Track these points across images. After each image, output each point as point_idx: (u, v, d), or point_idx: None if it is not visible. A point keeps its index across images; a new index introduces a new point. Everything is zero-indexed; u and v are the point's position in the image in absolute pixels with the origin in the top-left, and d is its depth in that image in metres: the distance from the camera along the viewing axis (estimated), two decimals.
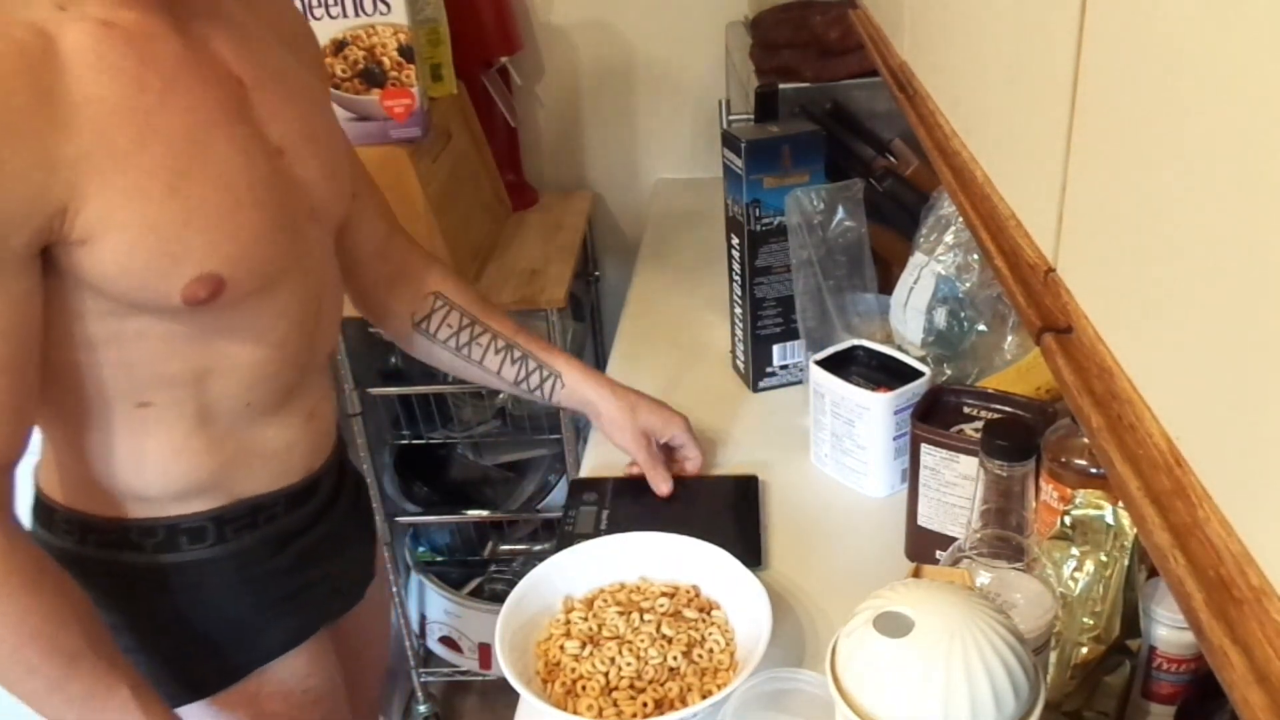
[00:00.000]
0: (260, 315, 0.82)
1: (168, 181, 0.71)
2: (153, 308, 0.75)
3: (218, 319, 0.78)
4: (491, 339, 1.06)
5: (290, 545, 0.93)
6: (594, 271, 2.13)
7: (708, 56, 1.96)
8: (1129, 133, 0.37)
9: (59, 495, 0.85)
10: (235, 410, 0.84)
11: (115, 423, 0.80)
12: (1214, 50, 0.30)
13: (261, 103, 0.80)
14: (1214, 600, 0.29)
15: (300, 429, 0.91)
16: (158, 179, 0.71)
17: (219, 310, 0.77)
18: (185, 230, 0.72)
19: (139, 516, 0.84)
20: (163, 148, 0.71)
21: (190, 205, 0.72)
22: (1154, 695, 0.75)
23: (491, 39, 1.87)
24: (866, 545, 1.03)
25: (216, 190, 0.74)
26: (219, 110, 0.75)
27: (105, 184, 0.68)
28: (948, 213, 1.14)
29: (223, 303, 0.77)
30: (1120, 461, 0.36)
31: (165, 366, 0.78)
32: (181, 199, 0.72)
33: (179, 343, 0.78)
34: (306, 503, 0.94)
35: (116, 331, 0.75)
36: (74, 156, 0.67)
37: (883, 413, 1.04)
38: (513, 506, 1.98)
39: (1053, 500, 0.81)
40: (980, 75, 0.60)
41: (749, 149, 1.17)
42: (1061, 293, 0.45)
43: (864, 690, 0.57)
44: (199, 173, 0.73)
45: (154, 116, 0.71)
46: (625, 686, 0.83)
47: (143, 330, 0.76)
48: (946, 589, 0.60)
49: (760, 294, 1.24)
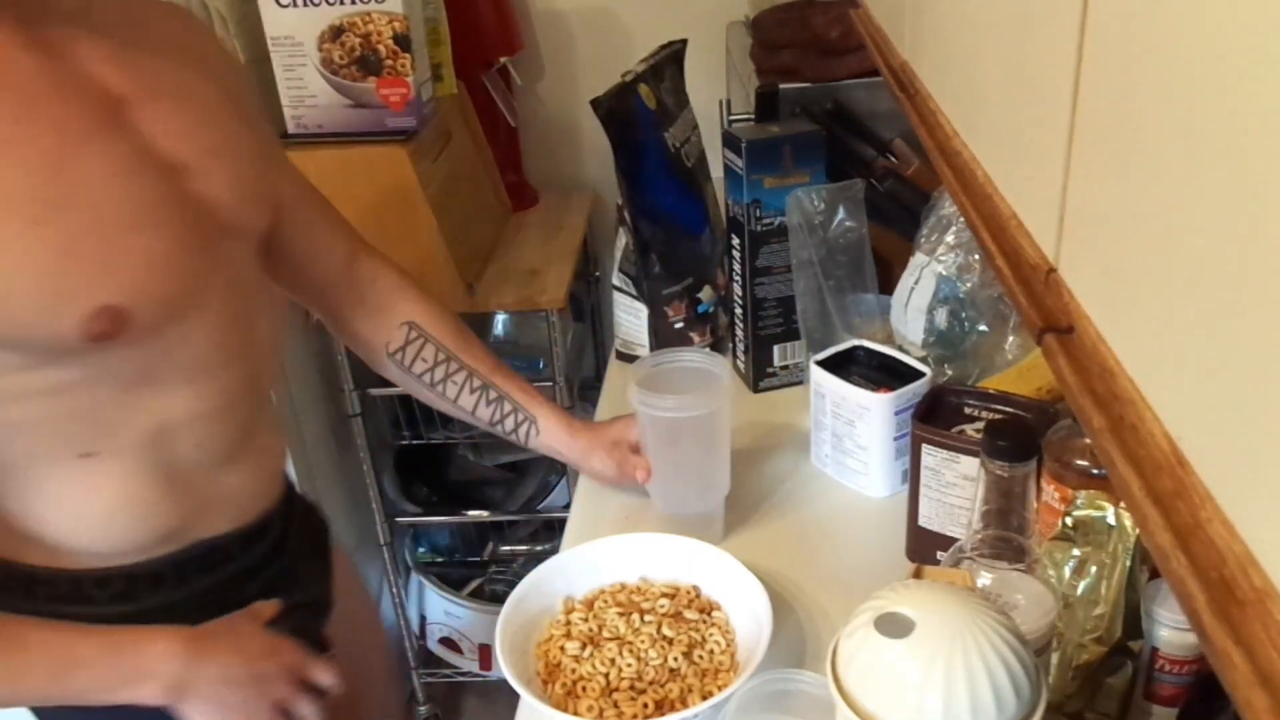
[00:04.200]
0: (188, 344, 0.76)
1: (33, 212, 0.65)
2: (55, 351, 0.69)
3: (142, 355, 0.73)
4: (467, 377, 1.02)
5: (247, 585, 0.89)
6: (594, 271, 2.13)
7: (708, 56, 1.96)
8: (1130, 132, 0.36)
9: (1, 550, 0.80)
10: (186, 453, 0.79)
11: (60, 475, 0.75)
12: (1215, 50, 0.29)
13: (150, 118, 0.73)
14: (1216, 601, 0.29)
15: (253, 466, 0.87)
16: (19, 214, 0.64)
17: (139, 344, 0.72)
18: (65, 262, 0.66)
19: (92, 567, 0.80)
20: (21, 176, 0.65)
21: (67, 234, 0.66)
22: (1156, 697, 0.74)
23: (491, 39, 1.87)
24: (867, 546, 1.03)
25: (96, 215, 0.68)
26: (90, 128, 0.69)
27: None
28: (949, 213, 1.14)
29: (137, 335, 0.71)
30: (1122, 462, 0.36)
31: (102, 413, 0.74)
32: (54, 229, 0.65)
33: (110, 387, 0.73)
34: (262, 540, 0.91)
35: (35, 385, 0.70)
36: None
37: (883, 413, 1.04)
38: (513, 507, 1.98)
39: (1054, 501, 0.81)
40: (982, 75, 0.60)
41: (749, 149, 1.16)
42: (1063, 293, 0.44)
43: (865, 691, 0.57)
44: (72, 198, 0.67)
45: (10, 145, 0.65)
46: (626, 687, 0.83)
47: (64, 380, 0.71)
48: (948, 590, 0.60)
49: (761, 294, 1.24)
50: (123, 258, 0.69)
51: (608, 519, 1.08)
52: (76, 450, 0.75)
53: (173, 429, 0.78)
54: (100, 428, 0.74)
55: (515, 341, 1.97)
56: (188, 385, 0.77)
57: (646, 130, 1.24)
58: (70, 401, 0.72)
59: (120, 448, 0.76)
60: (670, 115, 1.29)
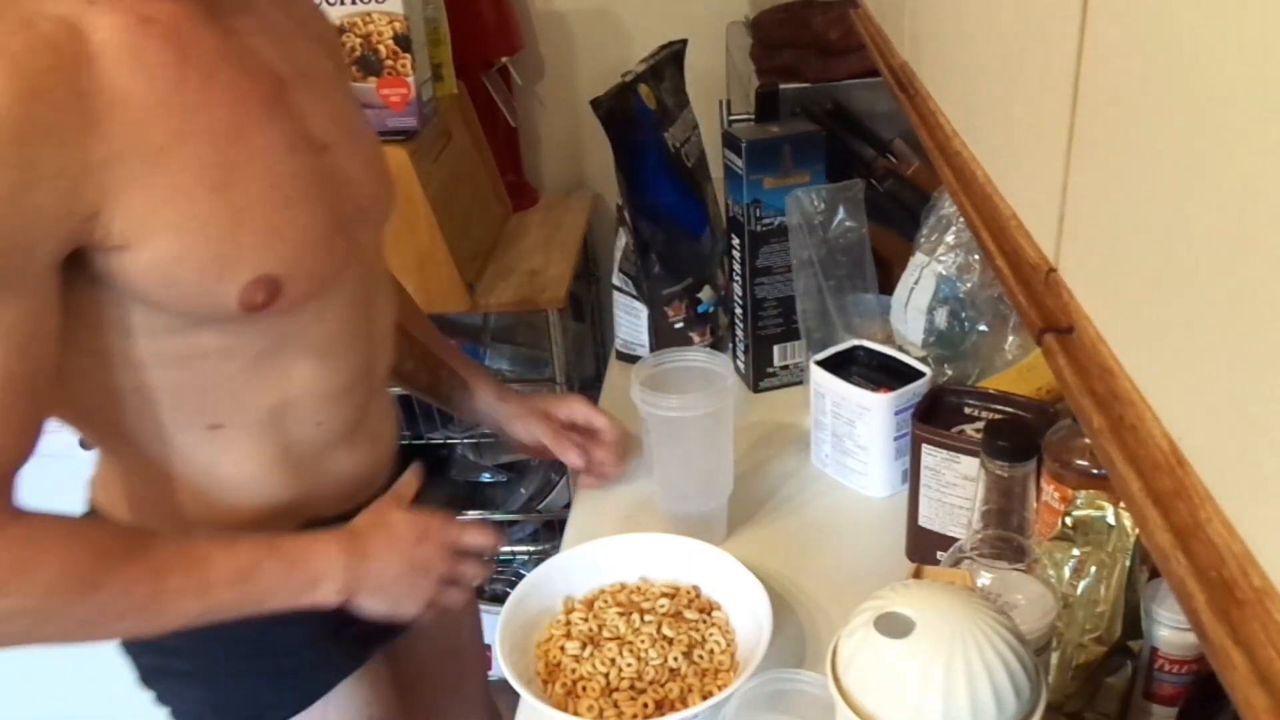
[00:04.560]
0: (321, 322, 0.79)
1: (211, 181, 0.67)
2: (208, 317, 0.72)
3: (279, 329, 0.76)
4: (411, 346, 1.05)
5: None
6: (594, 271, 2.13)
7: (708, 56, 1.96)
8: (1130, 132, 0.36)
9: (123, 515, 0.83)
10: (307, 432, 0.82)
11: (188, 445, 0.78)
12: (1215, 50, 0.30)
13: (303, 99, 0.76)
14: (1216, 601, 0.29)
15: (366, 454, 0.90)
16: (200, 178, 0.67)
17: (277, 318, 0.74)
18: (236, 229, 0.69)
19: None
20: (205, 144, 0.67)
21: (239, 203, 0.69)
22: (1156, 697, 0.74)
23: (491, 39, 1.87)
24: (867, 546, 1.03)
25: (264, 187, 0.70)
26: (260, 104, 0.72)
27: (142, 186, 0.64)
28: (948, 213, 1.14)
29: (280, 308, 0.73)
30: (1122, 462, 0.36)
31: (232, 385, 0.76)
32: (228, 198, 0.68)
33: (242, 359, 0.75)
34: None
35: (176, 351, 0.73)
36: (106, 158, 0.62)
37: (883, 413, 1.04)
38: (513, 507, 1.98)
39: (1054, 501, 0.81)
40: (981, 75, 0.60)
41: (750, 149, 1.16)
42: (1063, 293, 0.44)
43: (865, 691, 0.57)
44: (245, 169, 0.69)
45: (193, 112, 0.67)
46: (626, 687, 0.83)
47: (203, 348, 0.73)
48: (947, 590, 0.60)
49: (761, 294, 1.24)
50: (283, 230, 0.72)
51: (608, 519, 1.08)
52: (206, 421, 0.77)
53: (296, 406, 0.80)
54: (229, 400, 0.77)
55: (515, 341, 1.97)
56: (315, 363, 0.80)
57: (646, 130, 1.24)
58: (204, 371, 0.74)
59: (246, 422, 0.78)
60: (670, 115, 1.29)
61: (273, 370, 0.77)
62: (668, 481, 1.02)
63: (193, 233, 0.67)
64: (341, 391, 0.83)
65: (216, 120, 0.68)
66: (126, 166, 0.63)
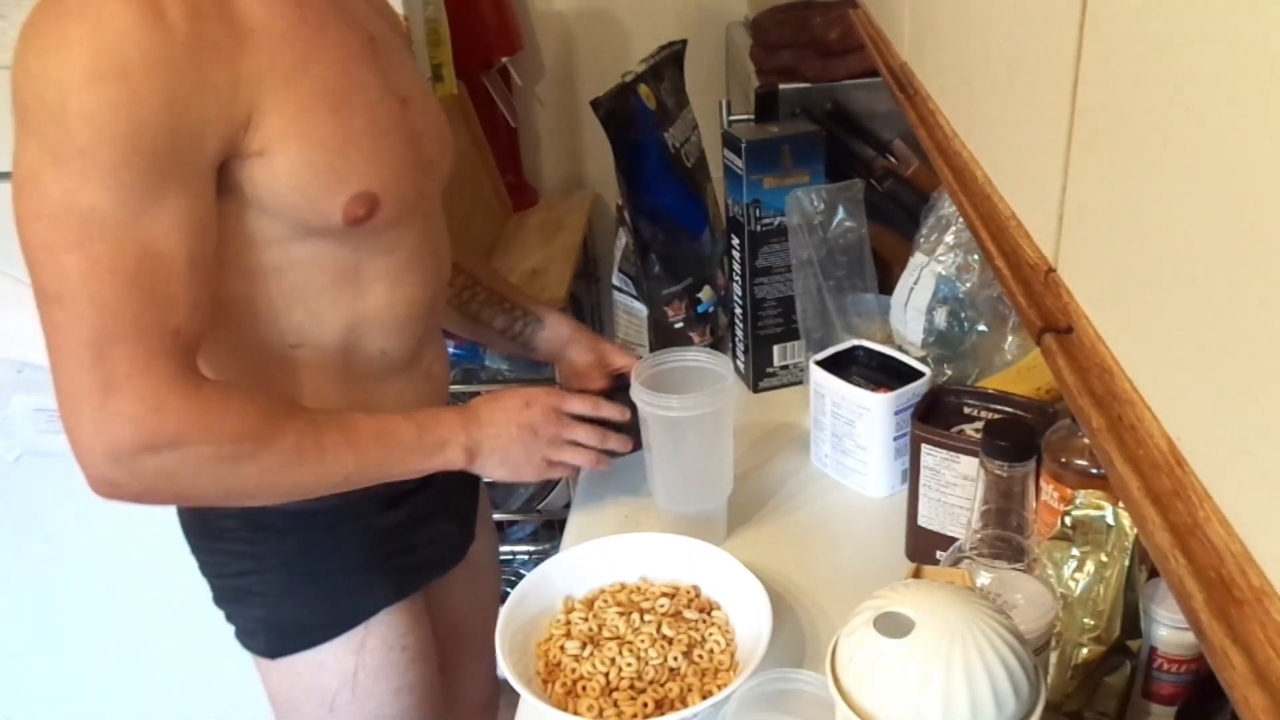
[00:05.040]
0: (393, 252, 0.87)
1: (329, 103, 0.78)
2: (317, 227, 0.80)
3: (362, 250, 0.84)
4: (488, 296, 1.14)
5: (401, 504, 0.97)
6: (594, 271, 2.13)
7: (708, 56, 1.96)
8: (1129, 133, 0.37)
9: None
10: (371, 358, 0.90)
11: (272, 364, 0.86)
12: (1214, 50, 0.30)
13: (385, 56, 0.86)
14: (1214, 600, 0.29)
15: (421, 387, 0.97)
16: (321, 99, 0.77)
17: (366, 238, 0.83)
18: (346, 147, 0.79)
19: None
20: (323, 72, 0.78)
21: (349, 126, 0.79)
22: (1154, 696, 0.75)
23: (491, 39, 1.87)
24: (867, 546, 1.03)
25: (368, 117, 0.81)
26: (360, 52, 0.82)
27: (279, 100, 0.75)
28: (948, 213, 1.14)
29: (375, 225, 0.82)
30: (1121, 462, 0.36)
31: (318, 304, 0.84)
32: (341, 120, 0.78)
33: (329, 277, 0.84)
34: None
35: (281, 260, 0.81)
36: (254, 72, 0.73)
37: (883, 413, 1.04)
38: (513, 507, 1.98)
39: (1053, 501, 0.81)
40: (981, 75, 0.60)
41: (749, 149, 1.17)
42: (1062, 293, 0.45)
43: (864, 691, 0.57)
44: (352, 99, 0.79)
45: (313, 46, 0.77)
46: (625, 687, 0.83)
47: (305, 259, 0.82)
48: (947, 589, 0.60)
49: (760, 294, 1.24)
50: (382, 154, 0.82)
51: (608, 519, 1.08)
52: (290, 340, 0.85)
53: (366, 328, 0.88)
54: (312, 320, 0.85)
55: None
56: (386, 289, 0.88)
57: (646, 130, 1.25)
58: (297, 283, 0.83)
59: (321, 342, 0.86)
60: (670, 115, 1.29)
61: (351, 290, 0.86)
62: (668, 481, 1.03)
63: (315, 146, 0.77)
64: (405, 320, 0.91)
65: (330, 57, 0.79)
66: (267, 82, 0.74)
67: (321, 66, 0.78)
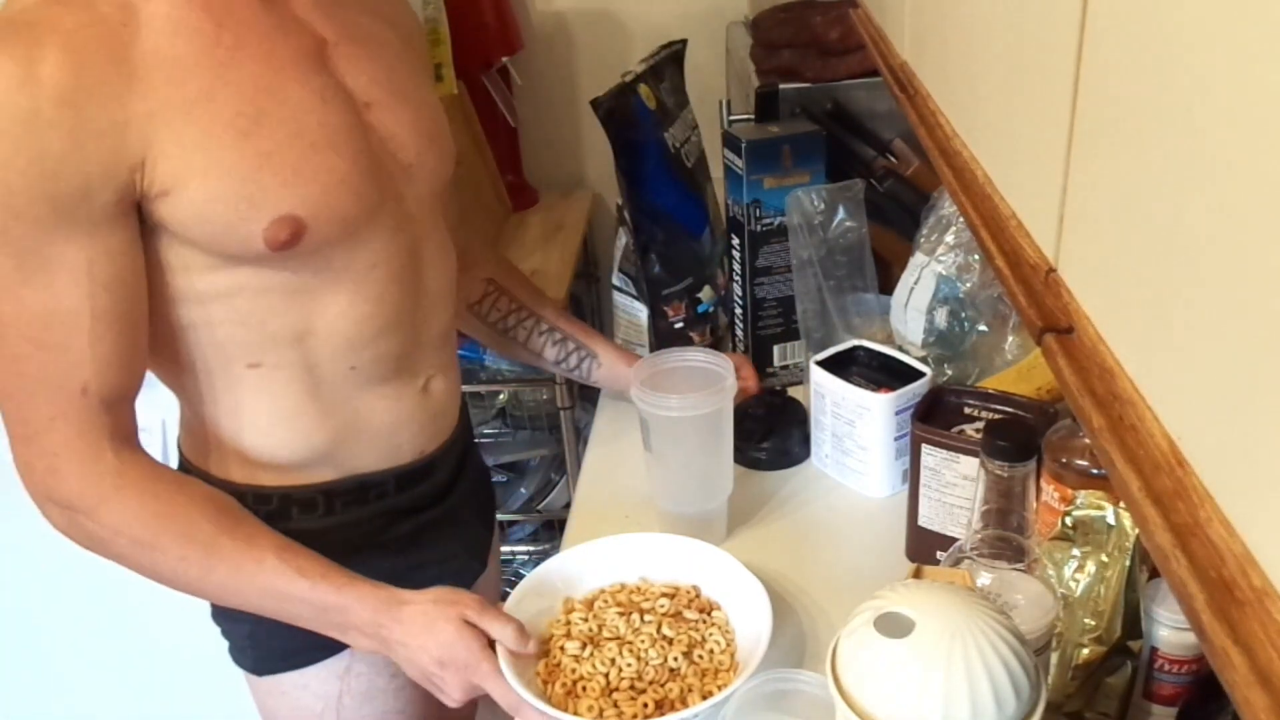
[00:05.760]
0: (351, 266, 0.83)
1: (240, 128, 0.74)
2: (239, 255, 0.78)
3: (310, 268, 0.81)
4: (536, 323, 1.12)
5: (399, 524, 0.95)
6: (594, 271, 2.13)
7: (708, 56, 1.96)
8: (1130, 132, 0.36)
9: (191, 456, 0.90)
10: (340, 374, 0.86)
11: (230, 384, 0.84)
12: (1215, 50, 0.30)
13: (345, 59, 0.83)
14: (1216, 601, 0.29)
15: (412, 405, 0.92)
16: (228, 126, 0.74)
17: (307, 258, 0.80)
18: (260, 173, 0.75)
19: (254, 483, 0.88)
20: (233, 96, 0.74)
21: (264, 149, 0.75)
22: (1155, 696, 0.75)
23: (491, 39, 1.87)
24: (867, 546, 1.03)
25: (290, 135, 0.77)
26: (294, 61, 0.78)
27: (176, 135, 0.72)
28: (948, 213, 1.14)
29: (308, 248, 0.79)
30: (1121, 462, 0.36)
31: (268, 324, 0.82)
32: (254, 143, 0.75)
33: (276, 297, 0.81)
34: (419, 484, 0.96)
35: (216, 287, 0.79)
36: (146, 112, 0.71)
37: (883, 413, 1.04)
38: (513, 507, 1.98)
39: (1054, 501, 0.81)
40: (981, 75, 0.60)
41: (749, 149, 1.16)
42: (1062, 293, 0.45)
43: (864, 691, 0.57)
44: (272, 119, 0.76)
45: (225, 69, 0.74)
46: (626, 687, 0.83)
47: (245, 282, 0.79)
48: (947, 590, 0.60)
49: (761, 294, 1.24)
50: (307, 174, 0.78)
51: (608, 519, 1.08)
52: (247, 360, 0.83)
53: (327, 344, 0.85)
54: (266, 339, 0.82)
55: None
56: (345, 305, 0.84)
57: (646, 130, 1.24)
58: (244, 307, 0.81)
59: (280, 361, 0.84)
60: (670, 115, 1.29)
61: (301, 307, 0.83)
62: (667, 481, 1.02)
63: (222, 176, 0.74)
64: (375, 335, 0.87)
65: (246, 76, 0.75)
66: (160, 118, 0.72)
67: (232, 89, 0.75)
